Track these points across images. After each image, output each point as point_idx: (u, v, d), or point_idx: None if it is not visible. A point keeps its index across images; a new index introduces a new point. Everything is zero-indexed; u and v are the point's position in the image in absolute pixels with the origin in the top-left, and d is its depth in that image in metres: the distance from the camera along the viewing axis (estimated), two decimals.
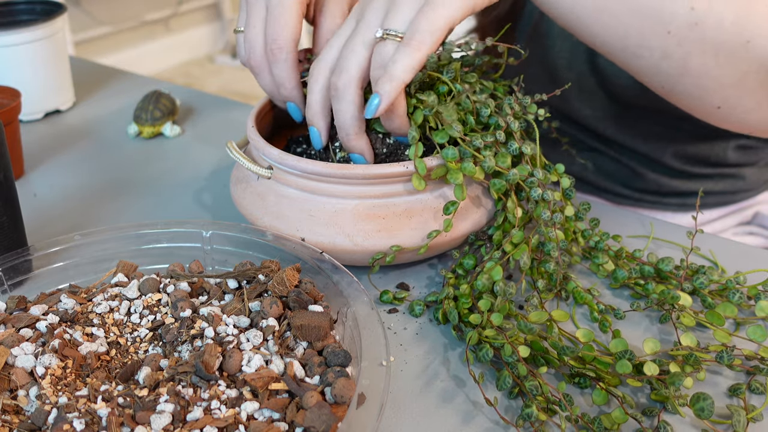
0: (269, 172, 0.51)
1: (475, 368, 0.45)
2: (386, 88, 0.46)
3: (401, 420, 0.41)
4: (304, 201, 0.50)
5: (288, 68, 0.53)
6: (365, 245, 0.49)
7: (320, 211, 0.49)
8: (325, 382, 0.38)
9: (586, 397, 0.43)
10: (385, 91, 0.46)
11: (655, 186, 0.77)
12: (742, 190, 0.79)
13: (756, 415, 0.41)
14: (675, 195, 0.77)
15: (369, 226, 0.49)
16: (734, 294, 0.49)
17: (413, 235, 0.49)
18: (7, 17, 0.83)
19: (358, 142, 0.50)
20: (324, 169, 0.48)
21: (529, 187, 0.49)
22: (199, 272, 0.47)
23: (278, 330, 0.41)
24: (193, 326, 0.41)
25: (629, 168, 0.77)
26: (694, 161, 0.75)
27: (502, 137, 0.49)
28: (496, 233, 0.51)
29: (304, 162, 0.48)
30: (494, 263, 0.48)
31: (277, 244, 0.48)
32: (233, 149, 0.53)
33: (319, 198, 0.49)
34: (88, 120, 0.83)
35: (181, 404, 0.36)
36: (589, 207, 0.55)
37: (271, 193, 0.51)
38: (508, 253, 0.49)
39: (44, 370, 0.38)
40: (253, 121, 0.55)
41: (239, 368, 0.38)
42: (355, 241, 0.48)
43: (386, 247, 0.49)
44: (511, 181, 0.49)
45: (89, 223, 0.61)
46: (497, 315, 0.45)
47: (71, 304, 0.43)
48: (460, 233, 0.51)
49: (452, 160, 0.48)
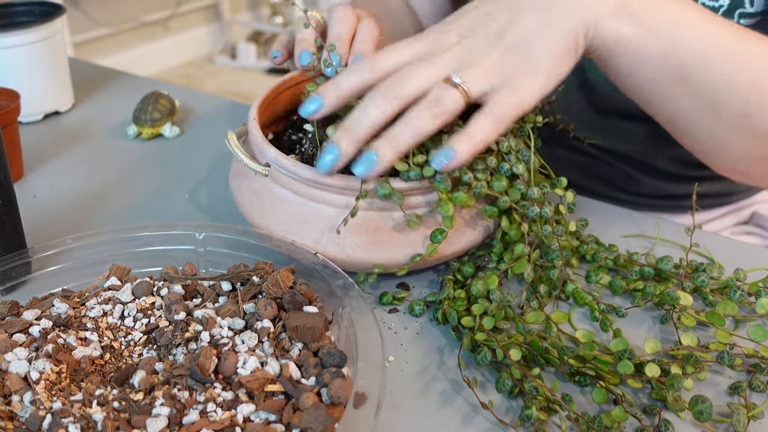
0: (266, 170, 0.50)
1: (475, 370, 0.45)
2: (465, 147, 0.45)
3: (401, 420, 0.41)
4: (299, 205, 0.49)
5: None
6: (356, 257, 0.48)
7: (314, 218, 0.48)
8: (321, 383, 0.38)
9: (586, 395, 0.43)
10: (463, 150, 0.45)
11: (651, 189, 0.77)
12: (738, 191, 0.78)
13: (757, 413, 0.41)
14: (671, 198, 0.77)
15: (361, 238, 0.48)
16: (735, 292, 0.49)
17: (405, 251, 0.48)
18: (6, 19, 0.83)
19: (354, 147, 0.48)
20: (320, 177, 0.47)
21: (523, 209, 0.49)
22: (193, 275, 0.47)
23: (273, 331, 0.41)
24: (187, 329, 0.41)
25: (624, 173, 0.77)
26: (689, 164, 0.74)
27: (493, 163, 0.48)
28: (497, 246, 0.51)
29: (300, 168, 0.47)
30: (492, 273, 0.48)
31: (270, 245, 0.48)
32: (232, 142, 0.52)
33: (314, 204, 0.48)
34: (87, 121, 0.83)
35: (177, 407, 0.36)
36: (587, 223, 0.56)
37: (267, 192, 0.51)
38: (508, 264, 0.49)
39: (38, 375, 0.37)
40: (255, 113, 0.53)
41: (234, 370, 0.38)
42: (346, 252, 0.48)
43: (377, 261, 0.48)
44: (502, 207, 0.49)
45: (89, 225, 0.61)
46: (489, 319, 0.45)
47: (64, 309, 0.43)
48: (459, 248, 0.50)
49: (444, 191, 0.47)
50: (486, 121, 0.46)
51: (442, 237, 0.47)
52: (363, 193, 0.46)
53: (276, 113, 0.61)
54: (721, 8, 0.62)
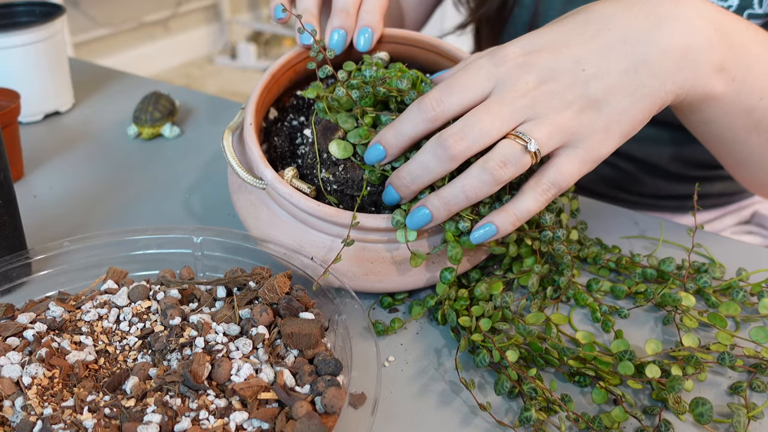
0: (263, 184, 0.48)
1: (474, 371, 0.45)
2: (508, 224, 0.43)
3: (401, 420, 0.41)
4: (294, 229, 0.48)
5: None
6: (351, 285, 0.47)
7: (310, 245, 0.47)
8: (316, 392, 0.38)
9: (586, 396, 0.43)
10: (505, 227, 0.43)
11: (653, 189, 0.76)
12: (738, 192, 0.78)
13: (757, 413, 0.41)
14: (672, 198, 0.77)
15: (357, 269, 0.47)
16: (738, 292, 0.49)
17: (402, 282, 0.48)
18: (7, 19, 0.83)
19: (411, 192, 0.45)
20: (316, 209, 0.45)
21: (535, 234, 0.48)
22: (190, 278, 0.47)
23: (268, 338, 0.41)
24: (182, 334, 0.41)
25: (627, 173, 0.76)
26: (692, 164, 0.74)
27: None
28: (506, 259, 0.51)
29: (297, 197, 0.46)
30: (497, 279, 0.48)
31: (268, 250, 0.47)
32: (228, 152, 0.50)
33: (311, 231, 0.47)
34: (87, 121, 0.83)
35: (169, 414, 0.35)
36: (586, 226, 0.55)
37: (264, 206, 0.49)
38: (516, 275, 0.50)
39: (30, 380, 0.37)
40: (252, 117, 0.50)
41: (228, 377, 0.38)
42: (341, 280, 0.46)
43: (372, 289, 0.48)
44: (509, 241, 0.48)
45: (89, 225, 0.61)
46: (486, 320, 0.45)
47: (59, 312, 0.43)
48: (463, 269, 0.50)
49: (454, 234, 0.45)
50: (535, 199, 0.43)
51: (452, 276, 0.46)
52: (349, 242, 0.45)
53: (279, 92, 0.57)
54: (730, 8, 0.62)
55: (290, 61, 0.54)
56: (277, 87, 0.55)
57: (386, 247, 0.47)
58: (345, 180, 0.48)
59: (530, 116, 0.42)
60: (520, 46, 0.44)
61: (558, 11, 0.72)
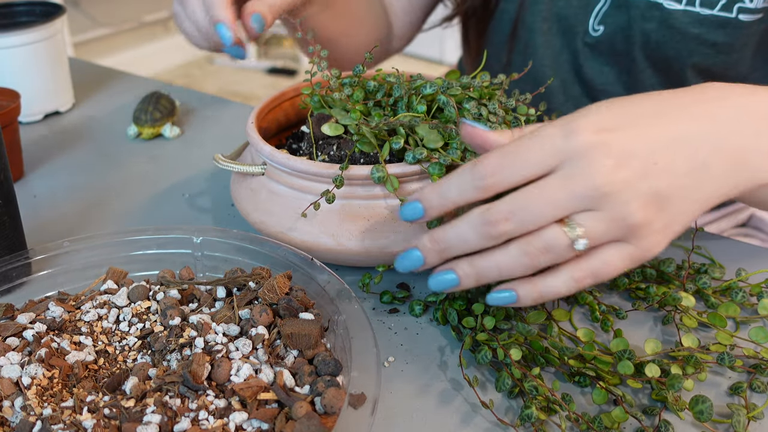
0: (262, 168, 0.52)
1: (474, 369, 0.45)
2: (530, 298, 0.40)
3: (401, 420, 0.41)
4: (292, 199, 0.50)
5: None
6: (349, 245, 0.48)
7: (308, 211, 0.49)
8: (315, 392, 0.38)
9: (586, 396, 0.43)
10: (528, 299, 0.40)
11: None
12: None
13: (757, 413, 0.41)
14: None
15: (354, 226, 0.48)
16: (737, 293, 0.49)
17: (398, 238, 0.48)
18: (7, 19, 0.83)
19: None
20: (311, 167, 0.48)
21: None
22: (190, 279, 0.47)
23: (268, 338, 0.41)
24: (182, 334, 0.41)
25: None
26: None
27: None
28: None
29: (293, 160, 0.49)
30: None
31: (268, 250, 0.47)
32: (220, 161, 0.54)
33: (307, 196, 0.49)
34: (87, 121, 0.83)
35: (169, 415, 0.35)
36: None
37: (264, 189, 0.52)
38: None
39: (30, 380, 0.37)
40: (253, 118, 0.55)
41: (228, 378, 0.38)
42: (339, 240, 0.48)
43: (370, 249, 0.48)
44: None
45: (89, 225, 0.61)
46: (490, 319, 0.45)
47: (59, 312, 0.43)
48: None
49: (438, 175, 0.46)
50: (567, 284, 0.39)
51: (438, 222, 0.45)
52: (339, 182, 0.47)
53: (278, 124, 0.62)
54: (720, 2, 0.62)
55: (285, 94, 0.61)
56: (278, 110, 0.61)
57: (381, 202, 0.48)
58: (339, 158, 0.51)
59: (586, 207, 0.38)
60: (593, 122, 0.39)
61: (544, 6, 0.72)
